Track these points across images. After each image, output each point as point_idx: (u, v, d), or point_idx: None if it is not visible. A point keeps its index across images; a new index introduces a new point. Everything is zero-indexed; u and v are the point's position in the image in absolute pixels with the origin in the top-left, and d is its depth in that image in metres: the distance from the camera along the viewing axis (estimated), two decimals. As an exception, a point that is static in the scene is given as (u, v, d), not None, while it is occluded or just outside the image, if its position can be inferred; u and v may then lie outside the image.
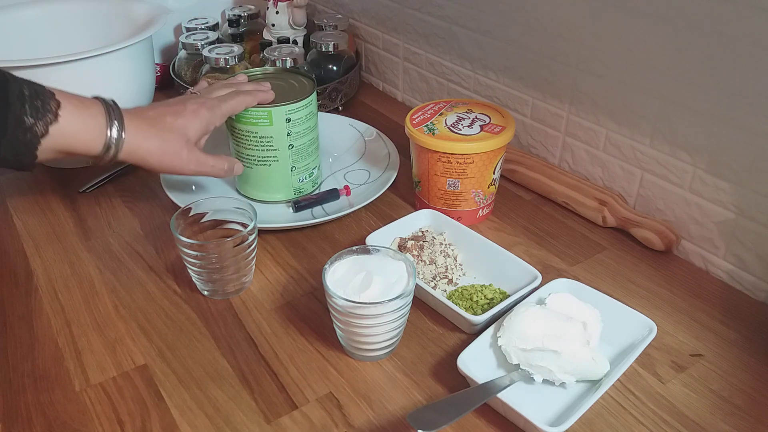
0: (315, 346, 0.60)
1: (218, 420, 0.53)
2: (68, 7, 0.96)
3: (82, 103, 0.61)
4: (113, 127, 0.61)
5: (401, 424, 0.52)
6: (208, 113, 0.68)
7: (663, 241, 0.70)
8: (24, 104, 0.56)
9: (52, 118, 0.58)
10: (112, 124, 0.61)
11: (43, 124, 0.57)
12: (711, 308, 0.64)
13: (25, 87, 0.57)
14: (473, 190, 0.73)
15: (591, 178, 0.80)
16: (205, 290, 0.65)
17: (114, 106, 0.63)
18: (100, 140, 0.61)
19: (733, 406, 0.54)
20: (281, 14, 1.04)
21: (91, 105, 0.62)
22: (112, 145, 0.62)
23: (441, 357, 0.59)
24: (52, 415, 0.53)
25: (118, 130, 0.62)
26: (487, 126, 0.72)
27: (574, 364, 0.53)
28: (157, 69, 1.02)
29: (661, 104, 0.68)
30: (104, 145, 0.61)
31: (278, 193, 0.78)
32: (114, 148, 0.62)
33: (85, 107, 0.61)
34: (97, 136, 0.61)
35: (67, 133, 0.59)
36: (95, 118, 0.61)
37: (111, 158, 0.63)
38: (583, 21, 0.73)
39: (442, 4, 0.92)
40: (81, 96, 0.62)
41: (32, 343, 0.60)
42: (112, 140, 0.61)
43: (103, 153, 0.62)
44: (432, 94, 1.01)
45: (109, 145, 0.61)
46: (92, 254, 0.72)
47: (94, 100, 0.63)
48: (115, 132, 0.61)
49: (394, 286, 0.55)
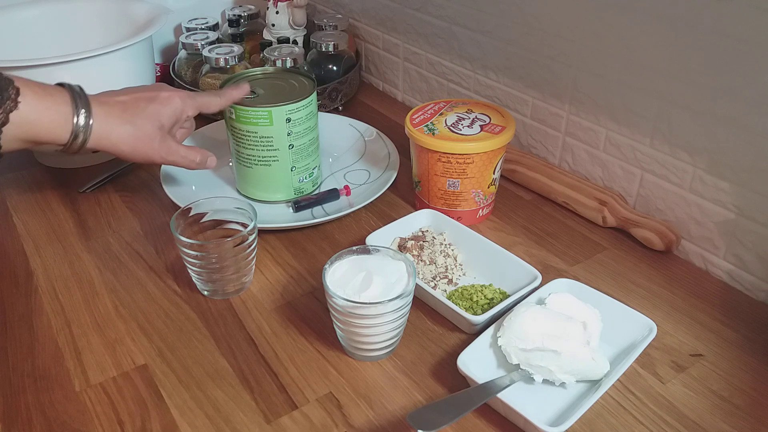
0: (315, 346, 0.60)
1: (218, 420, 0.53)
2: (68, 7, 0.96)
3: (44, 90, 0.59)
4: (80, 113, 0.60)
5: (401, 424, 0.52)
6: (180, 101, 0.67)
7: (663, 241, 0.70)
8: None
9: (11, 105, 0.56)
10: (78, 111, 0.60)
11: (2, 111, 0.56)
12: (711, 308, 0.64)
13: None
14: (473, 190, 0.73)
15: (591, 178, 0.80)
16: (205, 290, 0.65)
17: (80, 93, 0.61)
18: (67, 127, 0.60)
19: (733, 406, 0.54)
20: (281, 14, 1.04)
21: (55, 92, 0.60)
22: (80, 133, 0.60)
23: (441, 357, 0.59)
24: (52, 415, 0.53)
25: (85, 116, 0.60)
26: (487, 126, 0.72)
27: (574, 364, 0.53)
28: (157, 69, 1.02)
29: (661, 104, 0.68)
30: (71, 132, 0.60)
31: (278, 193, 0.78)
32: (82, 136, 0.60)
33: (48, 94, 0.59)
34: (63, 123, 0.59)
35: (30, 120, 0.58)
36: (60, 105, 0.59)
37: (80, 146, 0.61)
38: (583, 21, 0.73)
39: (442, 4, 0.92)
40: (44, 83, 0.60)
41: (32, 343, 0.60)
42: (80, 127, 0.60)
43: (71, 141, 0.60)
44: (432, 94, 1.01)
45: (77, 132, 0.60)
46: (92, 254, 0.72)
47: (58, 87, 0.61)
48: (83, 119, 0.60)
49: (394, 286, 0.55)
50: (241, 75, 0.78)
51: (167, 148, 0.66)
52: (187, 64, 1.03)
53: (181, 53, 1.04)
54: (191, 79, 1.02)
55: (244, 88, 0.72)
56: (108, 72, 0.81)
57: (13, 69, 0.75)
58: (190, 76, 1.02)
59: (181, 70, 1.04)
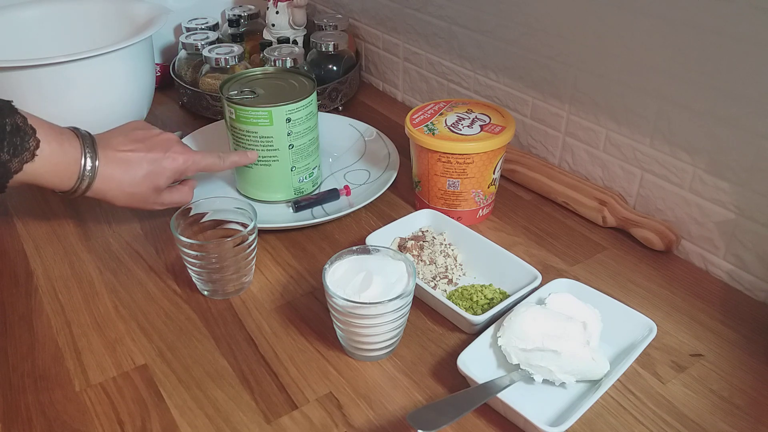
0: (315, 346, 0.60)
1: (218, 420, 0.53)
2: (68, 7, 0.96)
3: (59, 145, 0.61)
4: (85, 176, 0.63)
5: (401, 424, 0.52)
6: (183, 165, 0.68)
7: (663, 241, 0.70)
8: (3, 140, 0.57)
9: (28, 156, 0.59)
10: (84, 174, 0.62)
11: (18, 161, 0.58)
12: (711, 308, 0.64)
13: (8, 121, 0.57)
14: (473, 190, 0.73)
15: (591, 178, 0.79)
16: (205, 290, 0.65)
17: (91, 149, 0.63)
18: (70, 183, 0.63)
19: (733, 406, 0.54)
20: (281, 14, 1.04)
21: (69, 147, 0.62)
22: (80, 189, 0.63)
23: (441, 357, 0.59)
24: (52, 415, 0.53)
25: (89, 177, 0.63)
26: (487, 126, 0.72)
27: (574, 364, 0.53)
28: (157, 69, 1.02)
29: (661, 104, 0.68)
30: (73, 187, 0.63)
31: (278, 193, 0.78)
32: (82, 191, 0.64)
33: (63, 150, 0.61)
34: (69, 178, 0.62)
35: (40, 173, 0.60)
36: (70, 165, 0.62)
37: (78, 195, 0.64)
38: (583, 21, 0.73)
39: (442, 4, 0.92)
40: (61, 132, 0.62)
41: (32, 343, 0.60)
42: (81, 187, 0.63)
43: (70, 192, 0.64)
44: (432, 94, 1.01)
45: (77, 188, 0.63)
46: (92, 254, 0.72)
47: (73, 140, 0.62)
48: (86, 181, 0.63)
49: (394, 286, 0.55)
50: (241, 75, 0.78)
51: (160, 203, 0.69)
52: (187, 64, 1.03)
53: (181, 53, 1.04)
54: (191, 79, 1.02)
55: (250, 156, 0.73)
56: (108, 72, 0.81)
57: (13, 69, 0.75)
58: (190, 76, 1.02)
59: (181, 70, 1.04)
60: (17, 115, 0.59)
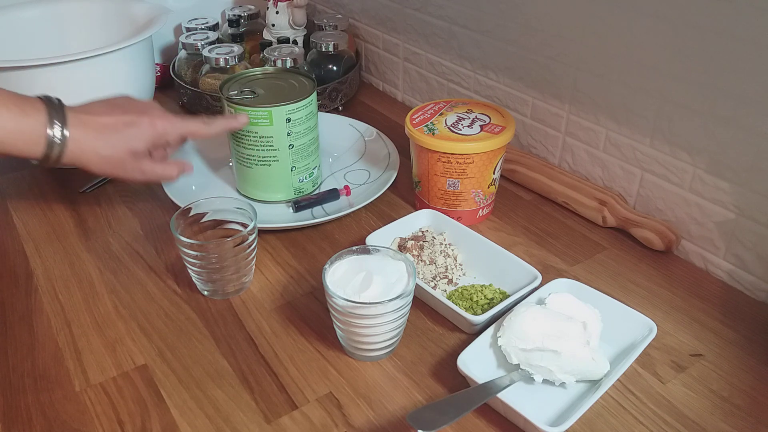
0: (315, 346, 0.60)
1: (218, 420, 0.53)
2: (68, 7, 0.96)
3: (22, 110, 0.60)
4: (54, 140, 0.61)
5: (401, 424, 0.52)
6: (162, 128, 0.66)
7: (663, 241, 0.70)
8: None
9: None
10: (53, 138, 0.60)
11: None
12: (711, 308, 0.64)
13: None
14: (473, 190, 0.73)
15: (591, 178, 0.80)
16: (205, 290, 0.65)
17: (60, 113, 0.61)
18: (40, 149, 0.61)
19: (733, 406, 0.54)
20: (281, 14, 1.04)
21: (33, 111, 0.60)
22: (54, 149, 0.61)
23: (441, 357, 0.59)
24: (52, 415, 0.53)
25: (60, 142, 0.61)
26: (487, 126, 0.72)
27: (574, 364, 0.53)
28: (157, 69, 1.02)
29: (661, 104, 0.68)
30: (43, 154, 0.61)
31: (278, 193, 0.78)
32: (56, 153, 0.61)
33: (25, 114, 0.60)
34: (36, 144, 0.60)
35: (2, 139, 0.59)
36: (36, 128, 0.60)
37: (54, 162, 0.62)
38: (583, 21, 0.73)
39: (442, 4, 0.92)
40: (23, 99, 0.61)
41: (32, 343, 0.60)
42: (54, 153, 0.61)
43: (43, 157, 0.61)
44: (432, 94, 1.01)
45: (50, 150, 0.61)
46: (92, 254, 0.72)
47: (38, 105, 0.61)
48: (57, 146, 0.61)
49: (394, 286, 0.55)
50: (241, 75, 0.78)
51: (140, 170, 0.66)
52: (187, 64, 1.03)
53: (181, 53, 1.04)
54: (191, 79, 1.02)
55: (240, 119, 0.71)
56: (108, 72, 0.81)
57: (13, 69, 0.75)
58: (190, 76, 1.02)
59: (181, 70, 1.04)
60: None
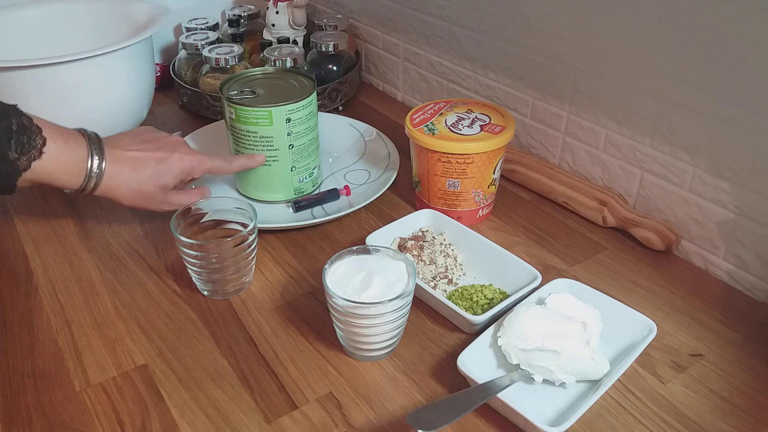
0: (315, 346, 0.60)
1: (218, 420, 0.53)
2: (68, 7, 0.96)
3: (66, 143, 0.62)
4: (92, 174, 0.63)
5: (401, 424, 0.52)
6: (190, 165, 0.69)
7: (663, 241, 0.70)
8: (10, 139, 0.58)
9: (36, 154, 0.60)
10: (91, 172, 0.63)
11: (26, 159, 0.59)
12: (711, 308, 0.64)
13: (14, 121, 0.59)
14: (473, 190, 0.73)
15: (591, 178, 0.79)
16: (205, 290, 0.65)
17: (98, 146, 0.64)
18: (78, 180, 0.63)
19: (733, 406, 0.54)
20: (281, 14, 1.04)
21: (76, 146, 0.63)
22: (90, 184, 0.64)
23: (441, 357, 0.59)
24: (52, 415, 0.53)
25: (97, 176, 0.63)
26: (487, 126, 0.72)
27: (574, 364, 0.53)
28: (157, 69, 1.02)
29: (661, 104, 0.68)
30: (81, 186, 0.63)
31: (278, 193, 0.78)
32: (90, 190, 0.64)
33: (69, 148, 0.62)
34: (76, 177, 0.63)
35: (48, 170, 0.61)
36: (78, 162, 0.62)
37: (87, 194, 0.65)
38: (583, 21, 0.73)
39: (442, 4, 0.92)
40: (67, 132, 0.63)
41: (32, 343, 0.60)
42: (90, 186, 0.64)
43: (80, 190, 0.64)
44: (432, 94, 1.01)
45: (86, 184, 0.63)
46: (92, 254, 0.72)
47: (80, 139, 0.63)
48: (94, 178, 0.63)
49: (394, 286, 0.55)
50: (241, 75, 0.78)
51: (167, 203, 0.69)
52: (187, 64, 1.03)
53: (181, 53, 1.04)
54: (191, 79, 1.02)
55: (258, 159, 0.74)
56: (108, 72, 0.81)
57: (13, 69, 0.75)
58: (190, 76, 1.02)
59: (181, 70, 1.04)
60: (23, 116, 0.60)
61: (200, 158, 0.70)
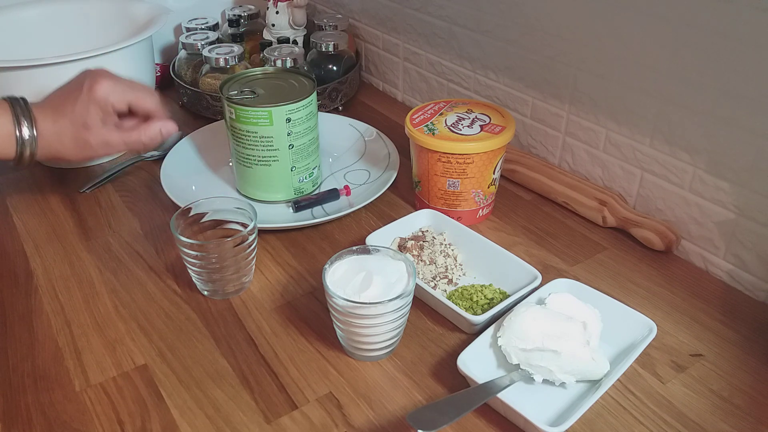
0: (315, 346, 0.60)
1: (218, 420, 0.53)
2: (68, 7, 0.96)
3: None
4: (23, 129, 0.60)
5: (401, 424, 0.52)
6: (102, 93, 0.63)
7: (663, 241, 0.70)
8: None
9: None
10: (21, 127, 0.60)
11: None
12: (711, 308, 0.64)
13: None
14: (473, 190, 0.73)
15: (591, 178, 0.80)
16: (205, 290, 0.65)
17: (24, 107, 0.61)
18: (11, 145, 0.60)
19: (733, 406, 0.54)
20: (281, 14, 1.04)
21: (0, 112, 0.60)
22: (26, 147, 0.60)
23: (441, 357, 0.59)
24: (52, 415, 0.53)
25: (29, 131, 0.60)
26: (487, 126, 0.72)
27: (574, 364, 0.53)
28: (157, 69, 1.02)
29: (661, 104, 0.68)
30: (16, 149, 0.60)
31: (278, 193, 0.78)
32: (29, 150, 0.61)
33: None
34: (7, 140, 0.60)
35: None
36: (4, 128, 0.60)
37: (28, 160, 0.61)
38: (583, 21, 0.73)
39: (442, 4, 0.92)
40: None
41: (32, 343, 0.60)
42: (24, 140, 0.60)
43: (18, 156, 0.61)
44: (432, 94, 1.01)
45: (22, 148, 0.60)
46: (92, 254, 0.72)
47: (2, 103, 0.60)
48: (28, 145, 0.60)
49: (394, 286, 0.55)
50: (241, 75, 0.78)
51: (105, 144, 0.64)
52: (187, 64, 1.03)
53: (181, 53, 1.04)
54: (191, 79, 1.02)
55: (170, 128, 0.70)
56: (108, 72, 0.81)
57: (13, 69, 0.75)
58: (190, 76, 1.02)
59: (181, 70, 1.04)
60: None
61: (116, 84, 0.64)
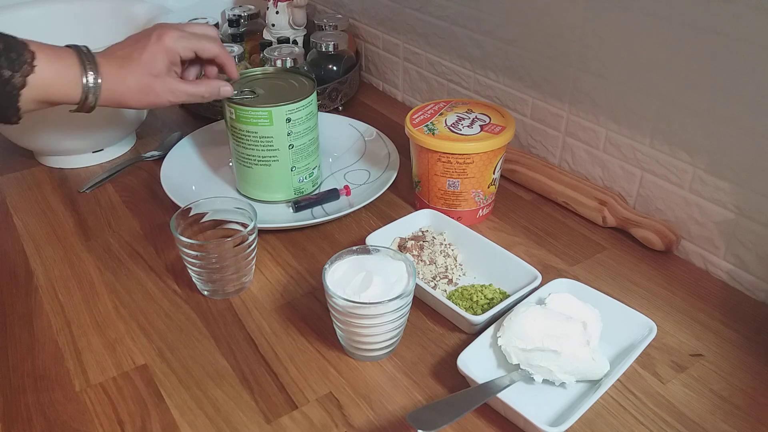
0: (315, 346, 0.60)
1: (218, 420, 0.53)
2: (68, 7, 0.96)
3: (55, 53, 0.61)
4: (88, 73, 0.62)
5: (401, 424, 0.52)
6: (171, 43, 0.66)
7: (663, 241, 0.70)
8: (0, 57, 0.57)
9: (28, 69, 0.59)
10: (87, 72, 0.62)
11: (20, 75, 0.58)
12: (711, 308, 0.64)
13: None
14: (473, 190, 0.73)
15: (591, 178, 0.80)
16: (205, 290, 0.65)
17: (87, 53, 0.63)
18: (78, 88, 0.62)
19: (733, 406, 0.54)
20: (281, 14, 1.04)
21: (65, 54, 0.62)
22: (90, 92, 0.63)
23: (441, 357, 0.59)
24: (52, 415, 0.53)
25: (93, 76, 0.62)
26: (487, 126, 0.72)
27: (574, 364, 0.53)
28: (157, 69, 1.02)
29: (661, 104, 0.68)
30: (82, 92, 0.62)
31: (278, 193, 0.78)
32: (93, 95, 0.63)
33: (59, 57, 0.61)
34: (75, 83, 0.62)
35: (45, 83, 0.60)
36: (70, 68, 0.62)
37: (92, 105, 0.64)
38: (583, 21, 0.73)
39: (442, 4, 0.92)
40: (55, 46, 0.62)
41: (32, 343, 0.60)
42: (89, 86, 0.62)
43: (83, 100, 0.63)
44: (432, 94, 1.01)
45: (87, 92, 0.62)
46: (92, 254, 0.72)
47: (67, 49, 0.63)
48: (91, 78, 0.62)
49: (394, 286, 0.55)
50: (241, 75, 0.78)
51: (170, 92, 0.67)
52: (187, 64, 1.03)
53: (181, 53, 1.04)
54: (191, 79, 1.02)
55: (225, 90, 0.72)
56: (108, 72, 0.81)
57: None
58: (190, 76, 1.02)
59: (181, 70, 1.04)
60: (5, 35, 0.59)
61: (183, 33, 0.67)
